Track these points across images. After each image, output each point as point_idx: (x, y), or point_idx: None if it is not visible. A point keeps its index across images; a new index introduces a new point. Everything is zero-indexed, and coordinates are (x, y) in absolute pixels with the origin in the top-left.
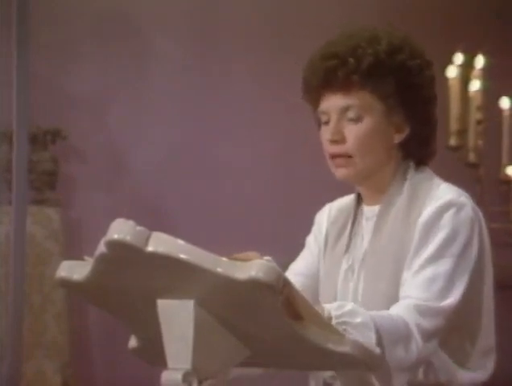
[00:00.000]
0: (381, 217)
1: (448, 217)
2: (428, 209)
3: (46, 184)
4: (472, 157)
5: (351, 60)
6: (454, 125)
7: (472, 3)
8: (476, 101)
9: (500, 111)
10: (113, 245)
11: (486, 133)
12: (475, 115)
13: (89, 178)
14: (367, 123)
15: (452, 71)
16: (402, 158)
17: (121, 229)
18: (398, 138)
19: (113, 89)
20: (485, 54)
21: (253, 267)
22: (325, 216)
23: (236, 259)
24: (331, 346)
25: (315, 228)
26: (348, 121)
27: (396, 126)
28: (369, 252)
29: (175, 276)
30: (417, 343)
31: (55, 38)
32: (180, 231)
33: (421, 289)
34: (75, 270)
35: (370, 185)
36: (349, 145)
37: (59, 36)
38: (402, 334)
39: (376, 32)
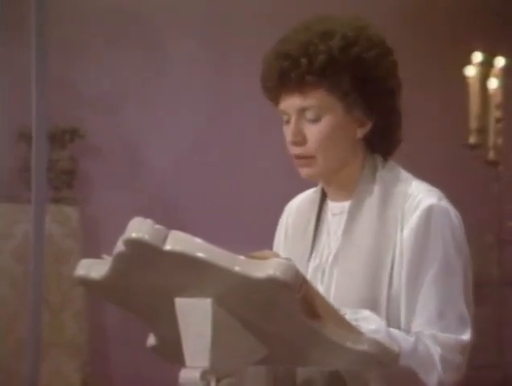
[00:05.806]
0: (352, 214)
1: (434, 227)
2: (413, 216)
3: (64, 183)
4: (491, 155)
5: (303, 61)
6: (473, 124)
7: (492, 3)
8: (495, 99)
9: None
10: (132, 244)
11: (506, 131)
12: (494, 113)
13: (107, 177)
14: (326, 122)
15: (471, 70)
16: (367, 151)
17: (139, 228)
18: (360, 133)
19: (129, 88)
20: (503, 53)
21: (271, 265)
22: (284, 219)
23: (253, 257)
24: (349, 344)
25: (276, 232)
26: (308, 121)
27: (358, 121)
28: (342, 251)
29: (192, 274)
30: (439, 374)
31: (71, 38)
32: (198, 229)
33: (434, 320)
34: (93, 269)
35: (337, 181)
36: (310, 146)
37: (75, 36)
38: (422, 358)
39: (331, 25)
